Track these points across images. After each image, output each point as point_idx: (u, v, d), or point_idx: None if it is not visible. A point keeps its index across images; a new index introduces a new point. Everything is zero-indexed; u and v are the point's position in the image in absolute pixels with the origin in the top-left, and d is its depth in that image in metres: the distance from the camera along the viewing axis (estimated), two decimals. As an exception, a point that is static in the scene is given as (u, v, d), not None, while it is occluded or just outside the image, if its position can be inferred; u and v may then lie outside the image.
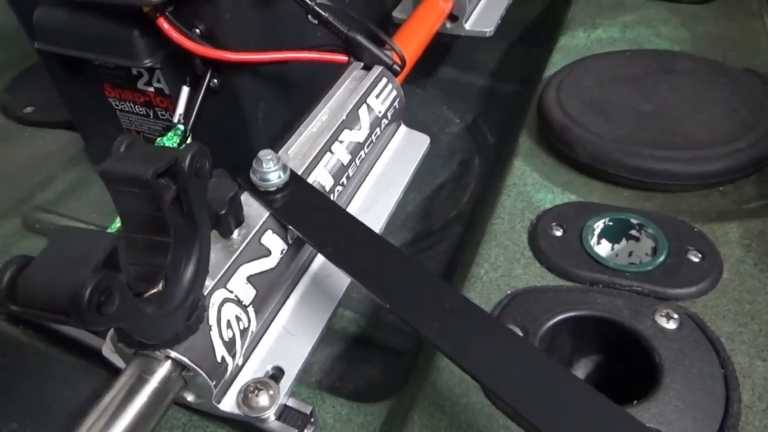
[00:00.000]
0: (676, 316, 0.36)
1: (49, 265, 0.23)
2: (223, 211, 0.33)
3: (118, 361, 0.35)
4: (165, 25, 0.46)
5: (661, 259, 0.40)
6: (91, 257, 0.23)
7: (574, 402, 0.28)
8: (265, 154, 0.38)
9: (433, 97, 0.84)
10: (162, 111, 0.57)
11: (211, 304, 0.32)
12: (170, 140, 0.48)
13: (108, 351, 0.36)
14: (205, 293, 0.32)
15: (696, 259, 0.40)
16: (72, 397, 0.35)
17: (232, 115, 0.55)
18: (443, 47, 0.89)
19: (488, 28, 0.68)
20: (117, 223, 0.48)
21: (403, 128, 0.54)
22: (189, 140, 0.50)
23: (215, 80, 0.51)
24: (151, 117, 0.59)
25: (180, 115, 0.51)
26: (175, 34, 0.46)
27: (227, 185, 0.34)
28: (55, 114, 0.76)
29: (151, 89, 0.56)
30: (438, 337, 0.31)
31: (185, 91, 0.51)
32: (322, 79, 0.56)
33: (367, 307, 0.57)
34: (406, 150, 0.52)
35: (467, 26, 0.68)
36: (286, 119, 0.57)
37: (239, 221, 0.36)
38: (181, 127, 0.49)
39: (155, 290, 0.29)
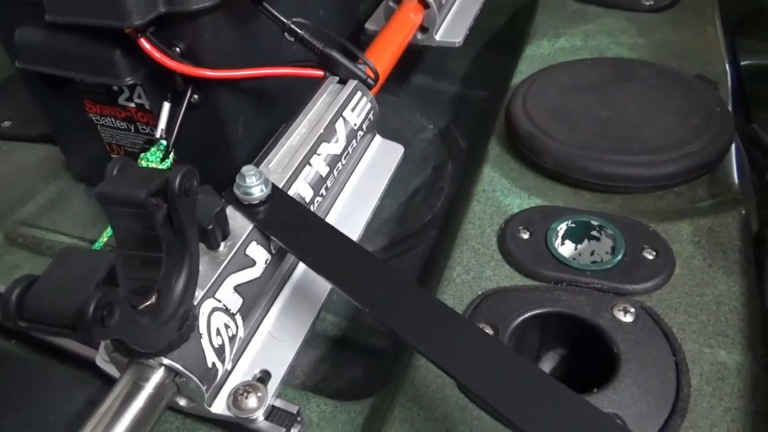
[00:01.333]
0: (632, 309, 0.40)
1: (54, 284, 0.25)
2: (210, 226, 0.35)
3: (112, 370, 0.37)
4: (146, 45, 0.48)
5: (619, 257, 0.43)
6: (93, 275, 0.25)
7: (538, 393, 0.30)
8: (248, 170, 0.40)
9: (407, 104, 0.87)
10: (143, 125, 0.59)
11: (201, 314, 0.34)
12: (153, 155, 0.50)
13: (102, 361, 0.38)
14: (195, 303, 0.34)
15: (651, 257, 0.43)
16: (68, 407, 0.37)
17: (213, 129, 0.57)
18: (416, 56, 0.92)
19: (457, 39, 0.71)
20: (103, 238, 0.49)
21: (378, 139, 0.56)
22: (171, 154, 0.51)
23: (196, 96, 0.53)
24: (132, 131, 0.60)
25: (162, 130, 0.53)
26: (156, 54, 0.48)
27: (213, 201, 0.36)
28: (33, 128, 0.77)
29: (132, 105, 0.57)
30: (414, 337, 0.33)
31: (166, 106, 0.53)
32: (301, 93, 0.58)
33: (348, 311, 0.59)
34: (381, 160, 0.55)
35: (437, 37, 0.71)
36: (266, 131, 0.59)
37: (225, 234, 0.38)
38: (164, 142, 0.51)
39: (149, 302, 0.31)
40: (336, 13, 0.70)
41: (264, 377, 0.38)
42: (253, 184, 0.40)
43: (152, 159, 0.50)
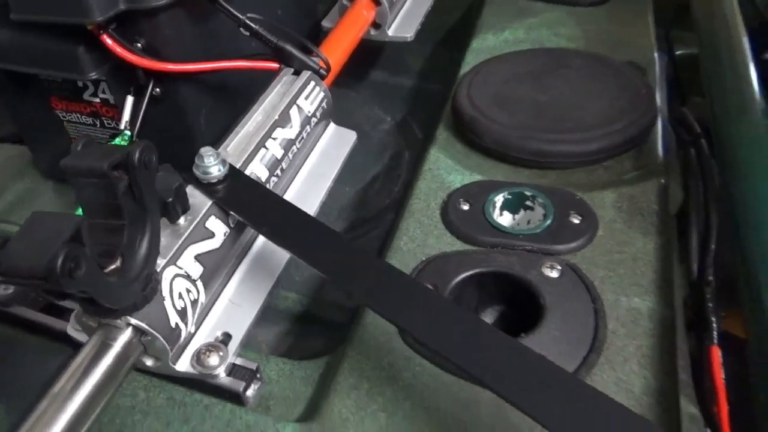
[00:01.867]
0: (558, 266, 0.44)
1: (26, 243, 0.29)
2: (170, 199, 0.39)
3: (83, 337, 0.40)
4: (109, 41, 0.51)
5: (548, 222, 0.48)
6: (61, 234, 0.29)
7: (474, 336, 0.34)
8: (206, 151, 0.43)
9: (366, 99, 0.91)
10: (108, 120, 0.62)
11: (163, 279, 0.38)
12: (117, 144, 0.53)
13: (73, 330, 0.41)
14: (158, 270, 0.38)
15: (577, 221, 0.48)
16: (41, 373, 0.40)
17: (175, 121, 0.60)
18: (374, 53, 0.96)
19: (408, 34, 0.75)
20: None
21: (332, 126, 0.60)
22: (136, 145, 0.54)
23: (158, 89, 0.56)
24: (98, 126, 0.63)
25: (126, 122, 0.56)
26: (118, 49, 0.51)
27: (173, 177, 0.39)
28: (0, 130, 0.79)
29: (97, 100, 0.60)
30: (363, 294, 0.37)
31: (130, 100, 0.56)
32: (260, 86, 0.62)
33: (310, 289, 0.63)
34: (335, 145, 0.58)
35: (390, 33, 0.75)
36: (228, 123, 0.62)
37: (185, 208, 0.41)
38: (128, 132, 0.54)
39: (115, 266, 0.34)
40: (294, 12, 0.74)
41: (225, 339, 0.41)
42: (211, 164, 0.43)
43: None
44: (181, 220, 0.41)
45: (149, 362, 0.39)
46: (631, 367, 0.39)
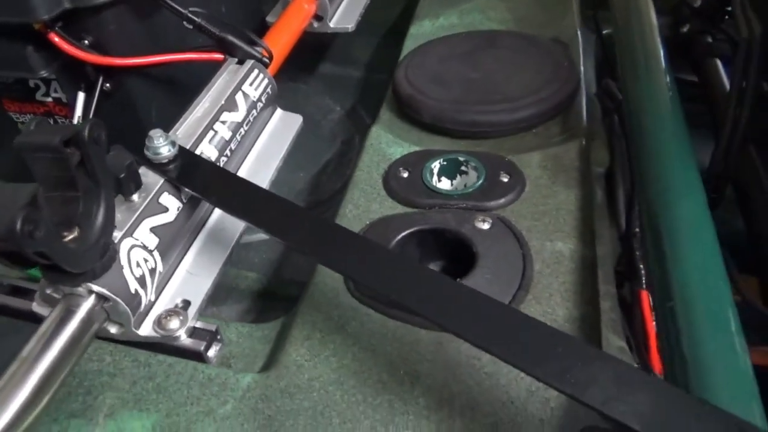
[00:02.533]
0: (489, 219, 0.48)
1: (-14, 209, 0.31)
2: (123, 175, 0.41)
3: (46, 313, 0.43)
4: (56, 39, 0.53)
5: (480, 182, 0.52)
6: (18, 200, 0.32)
7: (417, 278, 0.38)
8: (155, 132, 0.46)
9: (316, 90, 0.94)
10: (62, 119, 0.64)
11: (121, 249, 0.41)
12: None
13: (38, 307, 0.43)
14: (116, 241, 0.40)
15: (506, 180, 0.52)
16: (7, 347, 0.42)
17: (127, 116, 0.62)
18: (322, 47, 1.00)
19: (350, 25, 0.79)
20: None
21: (278, 111, 0.63)
22: (89, 138, 0.57)
23: (107, 84, 0.59)
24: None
25: (79, 118, 0.58)
26: (66, 46, 0.54)
27: (125, 155, 0.42)
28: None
29: (50, 99, 0.62)
30: (313, 251, 0.41)
31: (81, 96, 0.59)
32: (200, 78, 0.65)
33: (269, 268, 0.66)
34: (282, 129, 0.62)
35: (331, 24, 0.79)
36: (174, 116, 0.65)
37: (138, 185, 0.44)
38: (81, 126, 0.56)
39: (73, 235, 0.37)
40: (238, 8, 0.77)
41: (185, 305, 0.44)
42: (161, 144, 0.46)
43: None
44: (135, 197, 0.44)
45: (113, 329, 0.41)
46: (556, 301, 0.44)
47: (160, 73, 0.62)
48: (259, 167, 0.57)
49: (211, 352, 0.43)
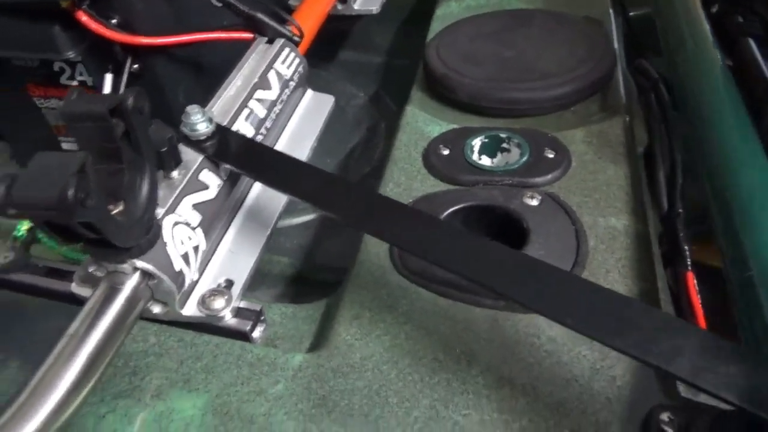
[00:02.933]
0: (538, 195, 0.47)
1: (34, 177, 0.30)
2: (164, 149, 0.40)
3: (87, 293, 0.41)
4: (84, 18, 0.52)
5: (525, 158, 0.50)
6: (68, 168, 0.30)
7: (475, 248, 0.36)
8: (192, 108, 0.45)
9: (338, 77, 0.93)
10: (87, 103, 0.62)
11: (164, 227, 0.39)
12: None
13: (77, 287, 0.41)
14: (159, 218, 0.39)
15: (551, 156, 0.51)
16: (50, 327, 0.41)
17: (155, 97, 0.59)
18: (342, 33, 0.98)
19: (374, 7, 0.78)
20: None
21: (309, 92, 0.62)
22: (119, 119, 0.55)
23: (136, 65, 0.57)
24: (77, 110, 0.63)
25: (107, 99, 0.57)
26: (94, 25, 0.52)
27: (165, 130, 0.41)
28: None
29: (75, 83, 0.60)
30: (364, 223, 0.39)
31: (108, 78, 0.57)
32: (226, 59, 0.63)
33: (301, 253, 0.65)
34: (314, 109, 0.60)
35: (356, 6, 0.77)
36: (201, 97, 0.64)
37: (177, 161, 0.42)
38: (111, 107, 0.55)
39: (119, 209, 0.35)
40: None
41: (228, 285, 0.43)
42: (198, 121, 0.45)
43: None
44: (175, 174, 0.42)
45: (157, 309, 0.40)
46: (614, 277, 0.42)
47: (187, 53, 0.61)
48: (294, 147, 0.55)
49: (256, 333, 0.41)
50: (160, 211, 0.39)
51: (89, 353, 0.34)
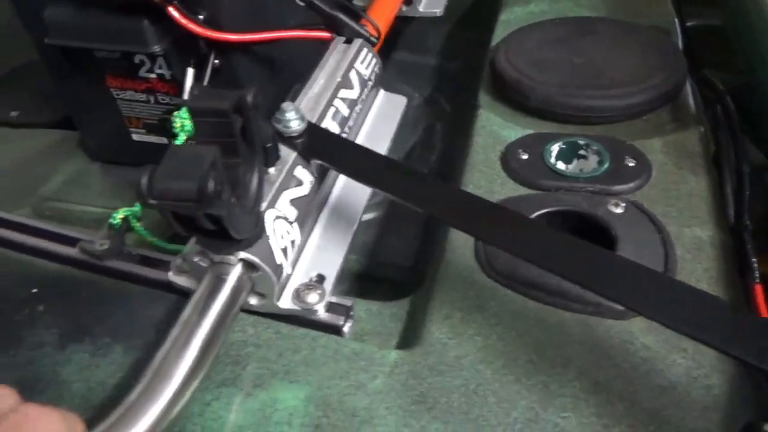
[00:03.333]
0: (622, 204, 0.47)
1: (171, 170, 0.31)
2: (270, 144, 0.41)
3: (184, 282, 0.42)
4: (175, 13, 0.53)
5: (606, 166, 0.51)
6: (203, 161, 0.31)
7: (564, 248, 0.37)
8: (287, 105, 0.46)
9: (392, 78, 0.93)
10: (162, 96, 0.64)
11: (266, 220, 0.40)
12: (185, 113, 0.55)
13: (175, 276, 0.43)
14: (262, 212, 0.40)
15: (632, 164, 0.51)
16: (151, 314, 0.42)
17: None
18: (396, 35, 0.99)
19: (438, 9, 0.79)
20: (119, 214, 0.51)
21: (382, 92, 0.63)
22: (201, 113, 0.56)
23: (216, 61, 0.58)
24: (152, 102, 0.65)
25: (188, 93, 0.58)
26: (183, 20, 0.53)
27: (268, 126, 0.42)
28: (40, 116, 0.80)
29: (153, 76, 0.62)
30: (457, 220, 0.40)
31: (190, 72, 0.58)
32: (302, 59, 0.64)
33: (364, 250, 0.65)
34: (387, 109, 0.61)
35: (420, 8, 0.78)
36: (275, 96, 0.65)
37: (278, 156, 0.43)
38: (194, 101, 0.56)
39: (233, 201, 0.36)
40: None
41: (319, 280, 0.44)
42: (292, 118, 0.45)
43: (185, 116, 0.55)
44: (272, 170, 0.43)
45: (254, 301, 0.41)
46: (703, 287, 0.42)
47: (262, 50, 0.62)
48: (371, 147, 0.56)
49: (346, 328, 0.42)
50: (262, 205, 0.40)
51: (202, 341, 0.35)
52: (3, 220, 0.51)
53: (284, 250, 0.41)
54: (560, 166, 0.55)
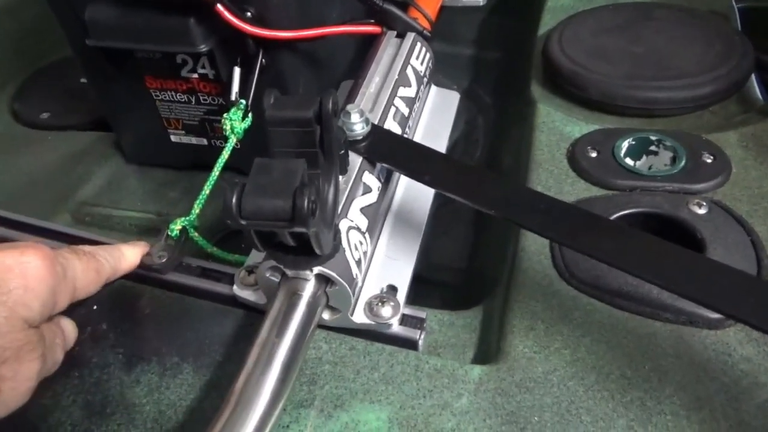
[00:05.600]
0: (705, 203, 0.45)
1: (261, 188, 0.29)
2: (342, 151, 0.39)
3: (250, 296, 0.40)
4: (224, 12, 0.50)
5: (683, 163, 0.48)
6: (293, 178, 0.29)
7: (654, 250, 0.35)
8: (352, 107, 0.43)
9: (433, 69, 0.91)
10: (204, 96, 0.62)
11: (341, 231, 0.38)
12: (235, 114, 0.53)
13: (239, 290, 0.41)
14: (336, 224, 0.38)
15: (710, 160, 0.48)
16: (219, 331, 0.40)
17: (277, 89, 0.59)
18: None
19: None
20: (196, 210, 0.49)
21: (434, 87, 0.60)
22: (250, 114, 0.54)
23: (263, 59, 0.56)
24: (193, 103, 0.63)
25: (236, 93, 0.56)
26: (232, 19, 0.51)
27: (341, 131, 0.40)
28: (72, 118, 0.79)
29: (195, 76, 0.60)
30: (528, 221, 0.37)
31: (237, 71, 0.56)
32: (339, 53, 0.62)
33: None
34: (441, 105, 0.59)
35: (463, -2, 0.75)
36: (319, 92, 0.62)
37: (347, 164, 0.41)
38: (243, 101, 0.54)
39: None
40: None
41: (390, 291, 0.41)
42: (357, 121, 0.43)
43: (234, 118, 0.53)
44: (341, 177, 0.41)
45: (326, 315, 0.39)
46: (800, 293, 0.40)
47: (307, 47, 0.59)
48: (429, 145, 0.53)
49: (421, 341, 0.40)
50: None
51: (282, 362, 0.33)
52: (47, 231, 0.49)
53: (358, 262, 0.38)
54: (629, 162, 0.52)
